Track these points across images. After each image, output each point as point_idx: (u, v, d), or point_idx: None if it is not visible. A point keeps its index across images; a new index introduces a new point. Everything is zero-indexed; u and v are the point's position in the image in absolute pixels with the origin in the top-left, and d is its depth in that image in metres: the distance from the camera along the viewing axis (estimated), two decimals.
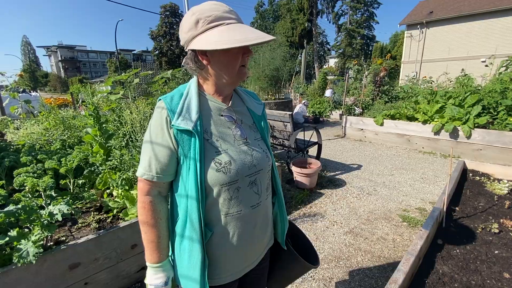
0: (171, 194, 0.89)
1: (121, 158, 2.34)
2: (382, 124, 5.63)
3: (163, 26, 36.56)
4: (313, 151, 4.43)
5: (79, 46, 62.86)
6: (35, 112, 5.69)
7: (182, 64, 0.86)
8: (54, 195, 1.94)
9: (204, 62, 0.79)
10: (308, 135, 4.96)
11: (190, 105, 0.80)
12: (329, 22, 34.35)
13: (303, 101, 8.75)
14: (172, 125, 0.77)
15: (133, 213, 2.08)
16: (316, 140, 4.26)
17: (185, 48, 0.80)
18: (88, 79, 47.29)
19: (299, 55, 26.61)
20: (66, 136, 3.22)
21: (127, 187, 2.28)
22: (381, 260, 2.14)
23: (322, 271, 2.05)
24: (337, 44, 36.78)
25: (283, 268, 1.10)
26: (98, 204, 2.36)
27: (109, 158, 2.47)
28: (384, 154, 5.04)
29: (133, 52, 62.30)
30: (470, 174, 2.59)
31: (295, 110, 8.32)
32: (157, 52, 37.38)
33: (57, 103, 11.38)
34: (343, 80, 13.38)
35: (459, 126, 4.62)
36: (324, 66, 36.90)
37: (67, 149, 2.87)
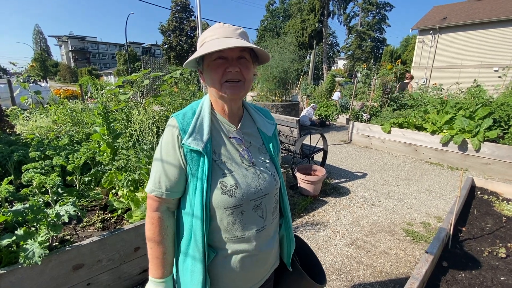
0: (177, 211, 0.89)
1: (127, 159, 2.36)
2: (389, 132, 5.57)
3: (173, 21, 36.62)
4: (318, 156, 4.40)
5: (89, 37, 63.53)
6: (45, 104, 5.77)
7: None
8: (60, 191, 1.97)
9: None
10: (314, 140, 4.93)
11: (202, 125, 0.81)
12: (340, 23, 33.96)
13: (312, 105, 8.69)
14: (183, 144, 0.78)
15: (137, 216, 2.09)
16: (322, 146, 4.23)
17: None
18: (97, 70, 47.74)
19: (308, 55, 26.44)
20: (74, 131, 3.25)
21: (132, 188, 2.30)
22: (383, 276, 2.12)
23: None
24: (347, 45, 36.42)
25: (289, 287, 1.09)
26: (103, 203, 2.39)
27: (115, 158, 2.49)
28: (390, 163, 4.99)
29: (142, 45, 62.61)
30: (479, 192, 2.55)
31: (303, 113, 8.28)
32: (166, 46, 37.51)
33: (66, 94, 11.52)
34: (351, 83, 13.27)
35: (468, 138, 4.54)
36: (333, 68, 36.63)
37: (75, 145, 2.91)
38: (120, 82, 2.79)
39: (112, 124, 2.57)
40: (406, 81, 8.44)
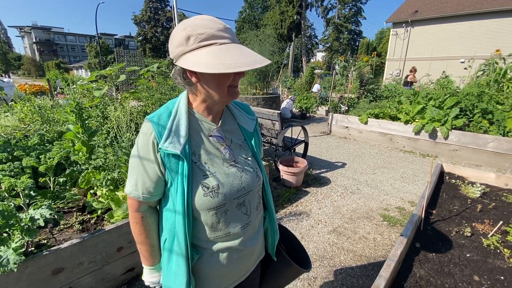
0: (160, 208, 0.89)
1: (105, 157, 2.27)
2: (366, 123, 5.79)
3: (147, 11, 35.05)
4: (300, 148, 4.49)
5: (55, 28, 59.05)
6: (9, 100, 5.35)
7: (171, 76, 0.83)
8: (33, 194, 1.87)
9: (193, 79, 0.76)
10: (295, 132, 5.02)
11: (179, 126, 0.77)
12: (318, 15, 34.34)
13: (290, 96, 8.78)
14: (160, 148, 0.75)
15: (119, 215, 2.04)
16: (303, 138, 4.32)
17: (174, 61, 0.76)
18: (66, 64, 44.70)
19: (287, 47, 26.51)
20: (45, 130, 3.07)
21: (112, 187, 2.23)
22: (362, 260, 2.24)
23: None
24: (325, 38, 36.93)
25: (276, 274, 1.12)
26: (81, 204, 2.29)
27: (92, 157, 2.39)
28: (367, 152, 5.20)
29: (115, 37, 59.33)
30: (447, 177, 2.75)
31: (283, 105, 8.36)
32: (140, 38, 35.91)
33: (33, 90, 10.74)
34: (330, 75, 13.54)
35: (438, 127, 4.84)
36: (312, 60, 37.07)
37: (46, 145, 2.75)
38: (94, 77, 2.65)
39: (86, 122, 2.45)
40: (410, 74, 8.57)
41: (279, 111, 3.81)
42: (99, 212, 2.15)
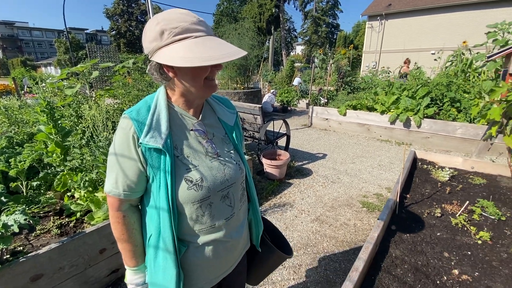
0: (142, 206, 0.87)
1: (82, 158, 2.19)
2: (345, 114, 5.96)
3: (120, 4, 33.39)
4: (282, 141, 4.56)
5: (19, 22, 54.83)
6: None
7: (147, 72, 0.82)
8: (4, 200, 1.78)
9: (170, 74, 0.75)
10: (277, 125, 5.07)
11: (159, 120, 0.76)
12: (296, 8, 34.42)
13: (272, 90, 8.83)
14: (140, 143, 0.74)
15: (99, 217, 1.99)
16: (285, 131, 4.38)
17: (149, 57, 0.74)
18: (32, 61, 41.80)
19: (267, 41, 26.46)
20: (13, 132, 2.89)
21: (90, 189, 2.16)
22: (344, 245, 2.35)
23: (292, 259, 2.19)
24: (304, 31, 37.20)
25: (261, 262, 1.15)
26: (58, 208, 2.21)
27: (67, 158, 2.30)
28: (346, 142, 5.38)
29: (85, 31, 56.13)
30: (419, 163, 2.92)
31: (264, 99, 8.38)
32: (114, 32, 34.22)
33: None
34: (310, 68, 13.73)
35: (411, 116, 5.09)
36: (292, 53, 37.29)
37: (16, 148, 2.59)
38: (65, 75, 2.52)
39: (59, 122, 2.33)
40: (404, 66, 8.61)
41: (260, 105, 3.83)
42: (78, 214, 2.08)
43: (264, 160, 3.56)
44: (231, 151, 0.91)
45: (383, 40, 18.35)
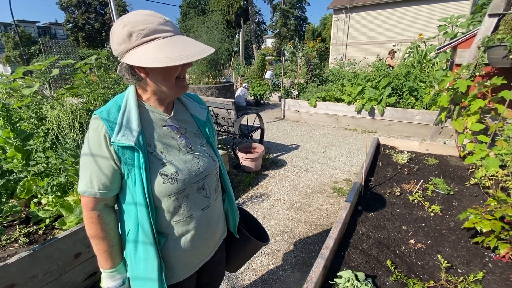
0: (119, 204, 0.88)
1: (47, 162, 2.08)
2: (315, 106, 6.20)
3: None
4: (256, 134, 4.64)
5: None
6: None
7: (117, 73, 0.83)
8: None
9: (142, 75, 0.77)
10: (251, 119, 5.14)
11: (130, 119, 0.78)
12: (264, 1, 34.36)
13: (244, 84, 8.85)
14: (113, 142, 0.75)
15: (71, 221, 1.92)
16: (259, 125, 4.46)
17: (118, 58, 0.76)
18: None
19: (237, 34, 26.18)
20: None
21: (59, 193, 2.07)
22: (317, 228, 2.52)
23: (270, 246, 2.30)
24: (273, 24, 37.32)
25: (239, 250, 1.22)
26: (24, 216, 2.09)
27: (30, 163, 2.17)
28: (317, 133, 5.62)
29: (37, 24, 51.02)
30: (382, 148, 3.18)
31: (237, 94, 8.39)
32: (70, 25, 31.55)
33: None
34: (280, 61, 13.92)
35: (375, 105, 5.45)
36: (262, 47, 37.32)
37: None
38: (21, 74, 2.34)
39: (18, 125, 2.19)
40: (388, 57, 8.74)
41: (233, 100, 3.86)
42: (47, 221, 1.99)
43: (239, 154, 3.62)
44: (204, 145, 0.95)
45: (349, 33, 19.11)
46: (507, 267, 1.50)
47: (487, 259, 1.56)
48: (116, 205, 0.90)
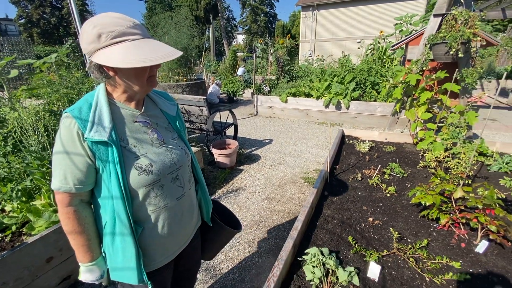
0: (94, 199, 0.90)
1: (9, 167, 1.99)
2: (286, 101, 6.41)
3: None
4: (230, 131, 4.72)
5: None
6: None
7: (87, 69, 0.86)
8: None
9: (111, 73, 0.80)
10: (224, 116, 5.20)
11: (101, 116, 0.81)
12: None
13: (216, 81, 8.82)
14: (86, 138, 0.78)
15: (41, 226, 1.87)
16: (232, 121, 4.54)
17: (88, 57, 0.79)
18: None
19: (206, 30, 25.76)
20: None
21: (25, 198, 2.00)
22: (290, 216, 2.68)
23: (246, 235, 2.42)
24: (243, 20, 37.25)
25: (213, 238, 1.30)
26: None
27: None
28: (289, 127, 5.84)
29: None
30: (347, 139, 3.43)
31: (209, 91, 8.35)
32: (23, 21, 28.74)
33: None
34: (252, 58, 14.03)
35: (341, 99, 5.78)
36: (233, 43, 37.10)
37: None
38: None
39: None
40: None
41: (205, 97, 3.89)
42: (13, 228, 1.92)
43: (214, 150, 3.67)
44: (176, 139, 1.01)
45: (317, 30, 19.71)
46: (447, 234, 1.76)
47: (431, 229, 1.81)
48: (91, 201, 0.93)
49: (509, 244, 1.63)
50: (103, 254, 0.94)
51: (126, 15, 0.81)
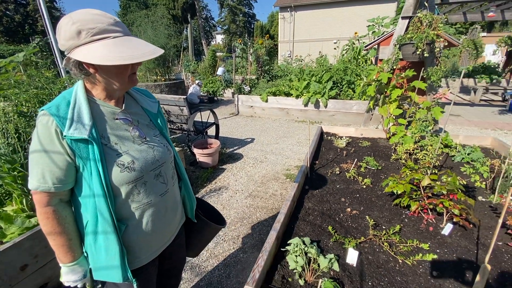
0: (74, 198, 0.89)
1: None
2: (267, 101, 6.49)
3: None
4: (212, 130, 4.71)
5: None
6: None
7: (63, 66, 0.85)
8: None
9: (91, 70, 0.79)
10: (205, 116, 5.17)
11: (81, 113, 0.80)
12: None
13: (197, 81, 8.73)
14: (65, 136, 0.76)
15: (13, 232, 1.78)
16: (213, 121, 4.53)
17: (65, 53, 0.78)
18: None
19: (184, 29, 25.33)
20: None
21: None
22: (273, 211, 2.74)
23: (230, 233, 2.45)
24: (222, 20, 37.04)
25: (198, 235, 1.30)
26: None
27: None
28: (270, 126, 5.92)
29: None
30: (325, 136, 3.57)
31: (190, 91, 8.25)
32: None
33: None
34: (231, 57, 14.01)
35: (319, 98, 5.96)
36: (212, 43, 36.78)
37: None
38: None
39: None
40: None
41: (184, 97, 3.86)
42: None
43: (195, 150, 3.66)
44: (157, 136, 1.01)
45: (295, 31, 20.08)
46: (417, 220, 1.90)
47: (403, 216, 1.95)
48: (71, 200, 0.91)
49: (470, 225, 1.80)
50: (85, 253, 0.92)
51: (106, 13, 0.80)
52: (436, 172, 2.14)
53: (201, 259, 2.14)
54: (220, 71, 10.96)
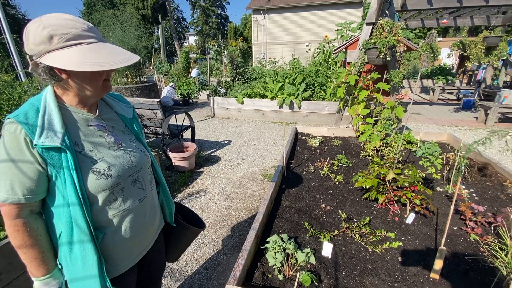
0: (46, 208, 0.86)
1: None
2: (242, 103, 6.54)
3: None
4: (187, 133, 4.65)
5: None
6: None
7: (30, 70, 0.83)
8: None
9: (64, 76, 0.78)
10: (180, 119, 5.09)
11: (51, 121, 0.77)
12: None
13: (171, 84, 8.53)
14: (35, 145, 0.74)
15: None
16: (189, 124, 4.48)
17: (34, 58, 0.75)
18: None
19: (155, 30, 24.61)
20: None
21: None
22: (252, 212, 2.79)
23: (210, 235, 2.45)
24: (194, 21, 36.51)
25: (177, 239, 1.30)
26: None
27: None
28: (247, 128, 5.98)
29: None
30: (300, 136, 3.70)
31: (163, 94, 8.04)
32: None
33: None
34: (205, 59, 13.87)
35: (294, 100, 6.14)
36: (185, 44, 36.08)
37: None
38: None
39: None
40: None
41: (158, 100, 3.78)
42: None
43: (171, 154, 3.60)
44: (134, 141, 1.00)
45: (268, 33, 20.39)
46: (385, 211, 2.06)
47: (372, 209, 2.10)
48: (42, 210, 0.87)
49: (430, 214, 1.99)
50: (59, 265, 0.89)
51: (79, 18, 0.80)
52: (400, 166, 2.33)
53: (181, 264, 2.13)
54: (194, 73, 10.82)
